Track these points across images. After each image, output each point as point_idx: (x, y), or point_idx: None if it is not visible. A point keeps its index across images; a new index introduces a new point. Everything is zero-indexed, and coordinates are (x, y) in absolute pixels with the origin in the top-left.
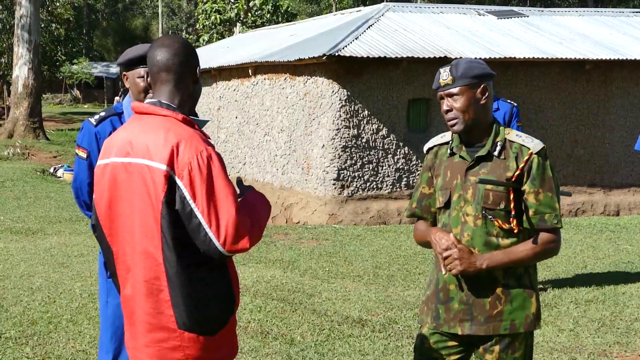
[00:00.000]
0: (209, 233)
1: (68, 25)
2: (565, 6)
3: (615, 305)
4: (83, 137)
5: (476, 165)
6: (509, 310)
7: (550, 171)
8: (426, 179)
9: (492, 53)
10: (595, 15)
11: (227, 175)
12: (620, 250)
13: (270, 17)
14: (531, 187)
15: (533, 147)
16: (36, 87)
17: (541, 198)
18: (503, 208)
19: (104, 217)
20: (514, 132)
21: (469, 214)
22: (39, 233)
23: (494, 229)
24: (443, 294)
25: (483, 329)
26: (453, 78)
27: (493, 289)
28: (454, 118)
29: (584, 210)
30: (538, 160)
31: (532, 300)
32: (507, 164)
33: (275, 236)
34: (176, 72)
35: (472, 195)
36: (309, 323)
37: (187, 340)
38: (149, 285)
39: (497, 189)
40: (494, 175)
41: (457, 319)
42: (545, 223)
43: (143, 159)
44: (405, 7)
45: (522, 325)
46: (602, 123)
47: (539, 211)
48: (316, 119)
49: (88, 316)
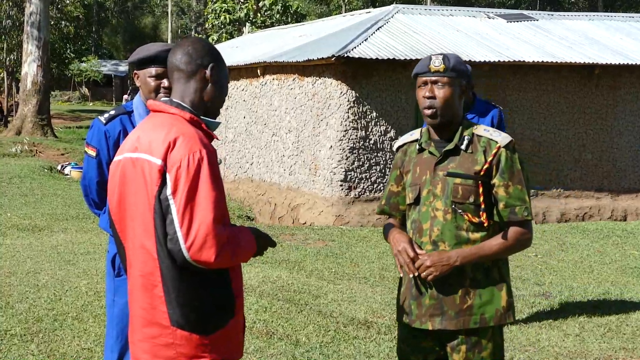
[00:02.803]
0: (178, 232)
1: (77, 22)
2: (575, 10)
3: (622, 311)
4: (92, 136)
5: (444, 159)
6: (479, 304)
7: (519, 164)
8: (394, 177)
9: (502, 56)
10: (605, 19)
11: (215, 181)
12: (627, 256)
13: (280, 18)
14: (501, 181)
15: (501, 141)
16: (45, 85)
17: (511, 191)
18: (472, 202)
19: (115, 213)
20: (481, 127)
21: (439, 208)
22: (45, 230)
23: (464, 223)
24: (415, 290)
25: (453, 323)
26: (445, 67)
27: (462, 283)
28: (432, 107)
29: (591, 214)
30: (506, 153)
31: (502, 293)
32: (475, 157)
33: (281, 237)
34: (185, 71)
35: (441, 190)
36: (315, 324)
37: (179, 338)
38: (145, 280)
39: (466, 183)
40: (462, 169)
41: (428, 314)
42: (516, 216)
43: (145, 154)
44: (415, 9)
45: (492, 319)
46: (610, 128)
47: (509, 204)
48: (324, 120)
49: (94, 314)
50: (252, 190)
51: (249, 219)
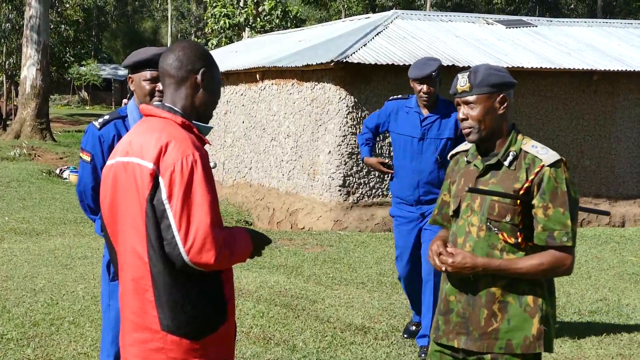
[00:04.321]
0: (176, 236)
1: (77, 26)
2: (574, 16)
3: (619, 317)
4: (87, 141)
5: (486, 174)
6: (506, 329)
7: (565, 186)
8: (446, 186)
9: (500, 62)
10: (603, 26)
11: (209, 184)
12: (625, 262)
13: (279, 23)
14: (540, 202)
15: (546, 159)
16: (44, 88)
17: (550, 213)
18: (509, 221)
19: (107, 216)
20: (530, 143)
21: (474, 224)
22: (43, 234)
23: (499, 242)
24: (443, 305)
25: (477, 345)
26: (470, 85)
27: (489, 304)
28: (469, 127)
29: (589, 220)
30: (550, 173)
31: (534, 321)
32: (517, 175)
33: (279, 242)
34: (175, 76)
35: (479, 205)
36: (312, 329)
37: (169, 342)
38: (136, 284)
39: (503, 201)
40: (502, 185)
41: (454, 331)
42: (554, 240)
43: (137, 158)
44: (414, 14)
45: (519, 347)
46: (608, 134)
47: (547, 227)
48: (323, 125)
49: (90, 319)
50: (250, 195)
51: (247, 223)
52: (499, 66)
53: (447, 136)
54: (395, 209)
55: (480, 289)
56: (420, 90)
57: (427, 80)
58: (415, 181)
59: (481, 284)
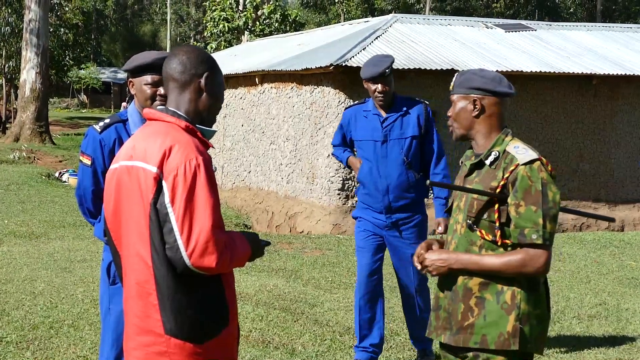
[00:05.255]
0: (179, 240)
1: (77, 30)
2: (573, 21)
3: (619, 321)
4: (87, 144)
5: (472, 173)
6: (481, 324)
7: (540, 185)
8: None
9: (500, 66)
10: (603, 30)
11: (212, 188)
12: (624, 266)
13: (279, 26)
14: (513, 200)
15: (521, 159)
16: (43, 91)
17: (522, 211)
18: (486, 218)
19: (110, 221)
20: (515, 144)
21: (459, 222)
22: (42, 237)
23: (478, 239)
24: (435, 302)
25: (454, 339)
26: (454, 85)
27: (466, 300)
28: (450, 125)
29: (588, 225)
30: (524, 172)
31: (510, 318)
32: (495, 173)
33: (278, 245)
34: (179, 80)
35: (464, 203)
36: (311, 333)
37: (173, 346)
38: (140, 288)
39: (481, 198)
40: (482, 184)
41: (442, 327)
42: (524, 238)
43: (141, 162)
44: (413, 18)
45: (493, 342)
46: (608, 138)
47: (518, 225)
48: (322, 128)
49: (89, 322)
50: (249, 198)
51: (246, 227)
52: (493, 72)
53: (411, 134)
54: (360, 210)
55: (458, 284)
56: (375, 90)
57: (380, 79)
58: (384, 186)
59: (459, 279)
